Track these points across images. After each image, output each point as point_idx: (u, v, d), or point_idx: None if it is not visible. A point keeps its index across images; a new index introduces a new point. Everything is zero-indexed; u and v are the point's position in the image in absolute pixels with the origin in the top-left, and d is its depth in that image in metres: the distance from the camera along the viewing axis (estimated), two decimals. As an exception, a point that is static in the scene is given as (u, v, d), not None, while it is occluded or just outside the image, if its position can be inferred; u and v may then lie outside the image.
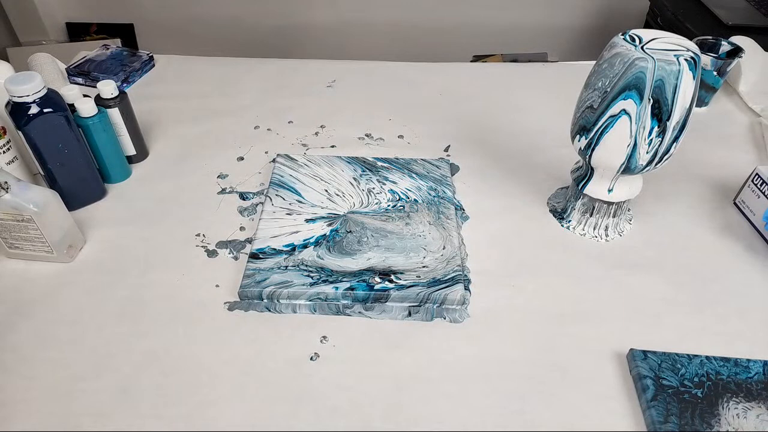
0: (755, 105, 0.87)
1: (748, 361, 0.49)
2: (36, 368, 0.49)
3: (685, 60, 0.49)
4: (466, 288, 0.56)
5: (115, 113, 0.67)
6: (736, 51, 0.84)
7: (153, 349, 0.51)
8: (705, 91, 0.87)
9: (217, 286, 0.57)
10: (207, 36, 1.98)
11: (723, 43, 0.85)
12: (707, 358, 0.49)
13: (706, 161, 0.76)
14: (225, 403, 0.47)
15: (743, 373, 0.48)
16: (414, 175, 0.69)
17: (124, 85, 0.90)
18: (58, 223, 0.57)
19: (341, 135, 0.80)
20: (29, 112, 0.56)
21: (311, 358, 0.50)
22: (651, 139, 0.53)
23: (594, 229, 0.63)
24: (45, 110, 0.57)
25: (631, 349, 0.50)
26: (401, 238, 0.60)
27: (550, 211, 0.67)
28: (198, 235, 0.62)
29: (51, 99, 0.58)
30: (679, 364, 0.48)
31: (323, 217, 0.62)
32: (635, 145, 0.53)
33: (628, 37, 0.52)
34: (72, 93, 0.63)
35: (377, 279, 0.55)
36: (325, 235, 0.60)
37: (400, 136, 0.80)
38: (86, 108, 0.62)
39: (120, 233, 0.62)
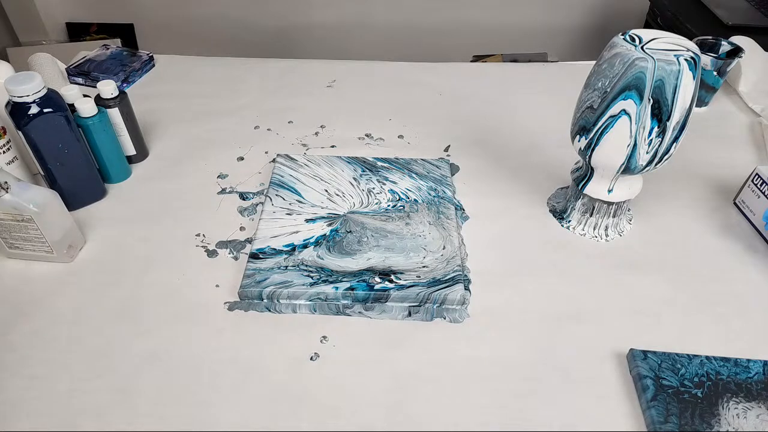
0: (755, 105, 0.87)
1: (748, 361, 0.49)
2: (36, 368, 0.49)
3: (685, 60, 0.49)
4: (466, 288, 0.56)
5: (115, 113, 0.67)
6: (736, 51, 0.84)
7: (153, 349, 0.51)
8: (705, 91, 0.87)
9: (217, 286, 0.57)
10: (207, 36, 1.98)
11: (723, 43, 0.85)
12: (707, 358, 0.49)
13: (706, 161, 0.76)
14: (225, 403, 0.47)
15: (743, 373, 0.48)
16: (414, 175, 0.69)
17: (124, 85, 0.90)
18: (58, 223, 0.57)
19: (341, 135, 0.80)
20: (29, 112, 0.56)
21: (311, 358, 0.50)
22: (651, 140, 0.53)
23: (594, 229, 0.63)
24: (45, 110, 0.57)
25: (631, 349, 0.50)
26: (401, 238, 0.60)
27: (550, 211, 0.67)
28: (198, 235, 0.62)
29: (51, 99, 0.58)
30: (679, 364, 0.48)
31: (323, 217, 0.62)
32: (635, 145, 0.53)
33: (628, 37, 0.52)
34: (72, 93, 0.63)
35: (377, 279, 0.55)
36: (325, 235, 0.60)
37: (400, 136, 0.80)
38: (86, 108, 0.62)
39: (120, 233, 0.62)
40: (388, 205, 0.64)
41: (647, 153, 0.54)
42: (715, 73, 0.84)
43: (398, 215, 0.63)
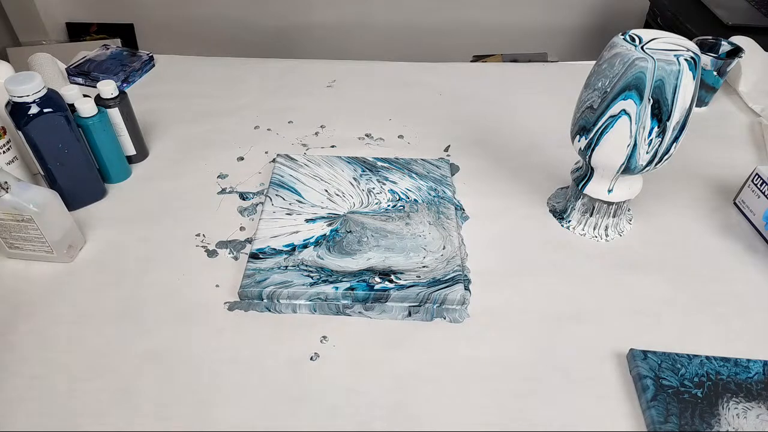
0: (755, 105, 0.87)
1: (748, 361, 0.49)
2: (36, 368, 0.49)
3: (685, 60, 0.49)
4: (466, 288, 0.56)
5: (115, 113, 0.67)
6: (736, 51, 0.84)
7: (153, 349, 0.51)
8: (705, 91, 0.87)
9: (217, 286, 0.57)
10: (207, 36, 1.98)
11: (723, 43, 0.85)
12: (707, 358, 0.49)
13: (706, 161, 0.76)
14: (225, 403, 0.47)
15: (743, 373, 0.48)
16: (414, 175, 0.69)
17: (124, 85, 0.90)
18: (58, 223, 0.57)
19: (341, 135, 0.80)
20: (29, 112, 0.56)
21: (311, 358, 0.50)
22: (651, 140, 0.53)
23: (594, 229, 0.63)
24: (45, 110, 0.57)
25: (631, 349, 0.50)
26: (401, 238, 0.60)
27: (550, 211, 0.67)
28: (198, 235, 0.62)
29: (51, 99, 0.58)
30: (679, 364, 0.48)
31: (323, 217, 0.62)
32: (635, 145, 0.53)
33: (628, 37, 0.52)
34: (72, 93, 0.63)
35: (377, 279, 0.55)
36: (325, 235, 0.60)
37: (400, 136, 0.80)
38: (86, 108, 0.62)
39: (120, 233, 0.62)
40: (388, 205, 0.64)
41: (647, 153, 0.54)
42: (715, 73, 0.84)
43: (398, 215, 0.63)
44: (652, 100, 0.50)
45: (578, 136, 0.57)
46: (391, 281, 0.55)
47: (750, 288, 0.58)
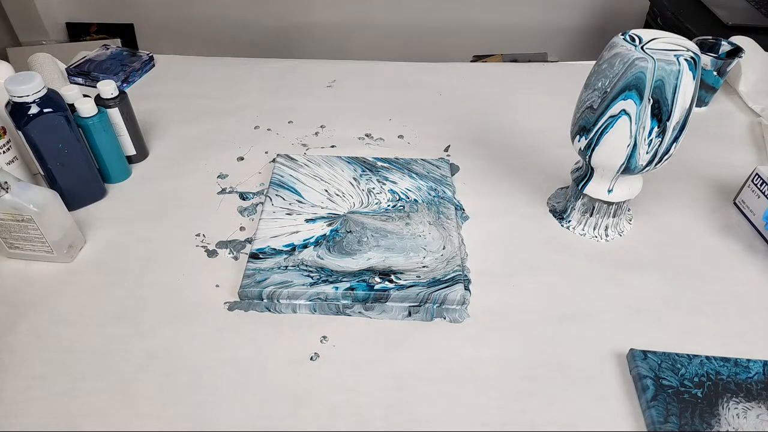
0: (755, 105, 0.87)
1: (748, 361, 0.49)
2: (36, 368, 0.49)
3: (685, 60, 0.49)
4: (466, 288, 0.56)
5: (115, 113, 0.67)
6: (736, 51, 0.84)
7: (153, 349, 0.51)
8: (705, 91, 0.87)
9: (217, 286, 0.57)
10: (207, 36, 1.98)
11: (723, 43, 0.85)
12: (707, 358, 0.49)
13: (706, 161, 0.76)
14: (225, 403, 0.47)
15: (743, 373, 0.48)
16: (414, 175, 0.69)
17: (124, 85, 0.90)
18: (58, 223, 0.57)
19: (341, 135, 0.80)
20: (29, 112, 0.56)
21: (311, 358, 0.50)
22: (651, 140, 0.53)
23: (594, 229, 0.63)
24: (45, 110, 0.57)
25: (631, 349, 0.50)
26: (401, 238, 0.60)
27: (550, 211, 0.67)
28: (198, 235, 0.62)
29: (51, 99, 0.58)
30: (679, 364, 0.48)
31: (323, 217, 0.62)
32: (635, 145, 0.53)
33: (628, 37, 0.52)
34: (72, 93, 0.63)
35: (377, 279, 0.55)
36: (325, 235, 0.60)
37: (400, 136, 0.80)
38: (86, 108, 0.62)
39: (120, 233, 0.62)
40: (388, 205, 0.64)
41: (647, 153, 0.54)
42: (715, 73, 0.84)
43: (398, 215, 0.63)
44: (652, 100, 0.50)
45: (578, 136, 0.57)
46: (391, 281, 0.55)
47: (750, 288, 0.58)
